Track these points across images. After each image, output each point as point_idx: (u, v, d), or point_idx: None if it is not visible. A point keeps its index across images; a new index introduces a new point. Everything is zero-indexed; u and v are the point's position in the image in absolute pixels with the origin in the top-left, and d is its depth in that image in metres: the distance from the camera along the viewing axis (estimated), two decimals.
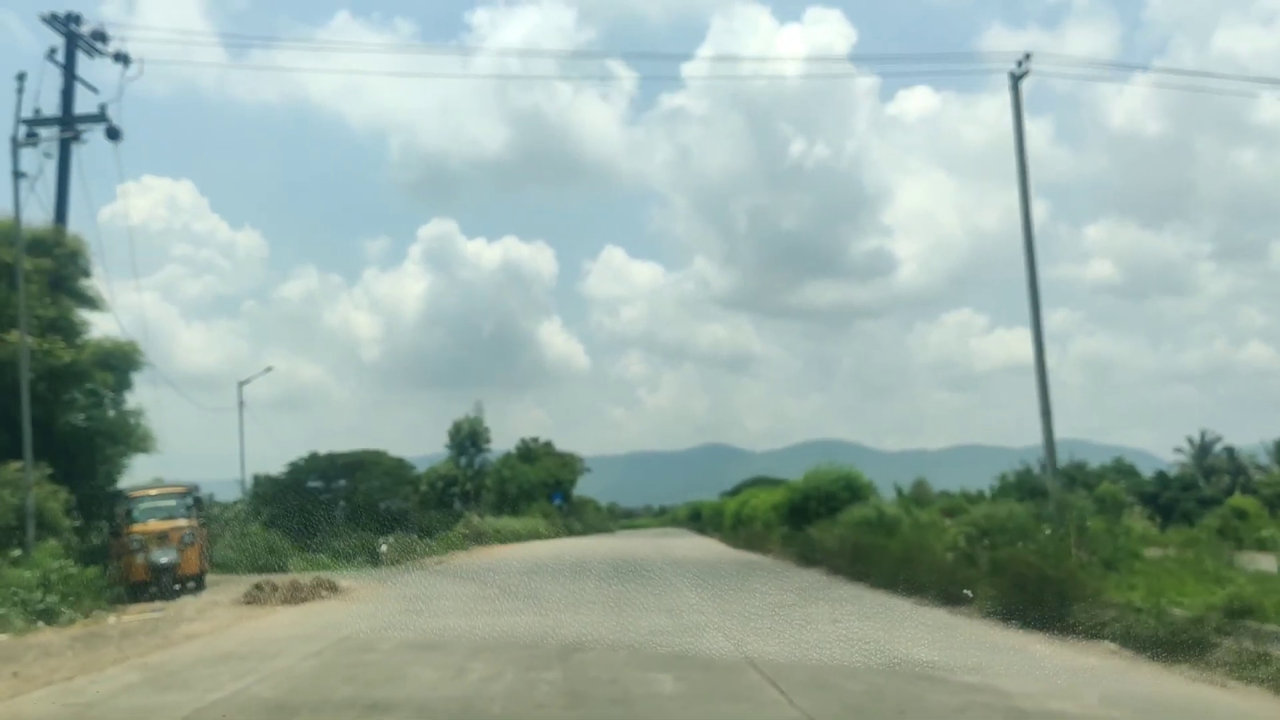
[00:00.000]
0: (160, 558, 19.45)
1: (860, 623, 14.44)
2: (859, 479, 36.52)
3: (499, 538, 52.57)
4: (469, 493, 61.93)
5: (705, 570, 26.93)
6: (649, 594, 19.50)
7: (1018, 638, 12.67)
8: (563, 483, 77.97)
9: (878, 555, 22.19)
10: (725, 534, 55.66)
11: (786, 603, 17.71)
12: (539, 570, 26.67)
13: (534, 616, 15.30)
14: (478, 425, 64.64)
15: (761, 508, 48.43)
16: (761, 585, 21.80)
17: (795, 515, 36.97)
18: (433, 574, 26.11)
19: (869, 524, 30.96)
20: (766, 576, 24.30)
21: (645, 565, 29.09)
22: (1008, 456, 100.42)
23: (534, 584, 21.95)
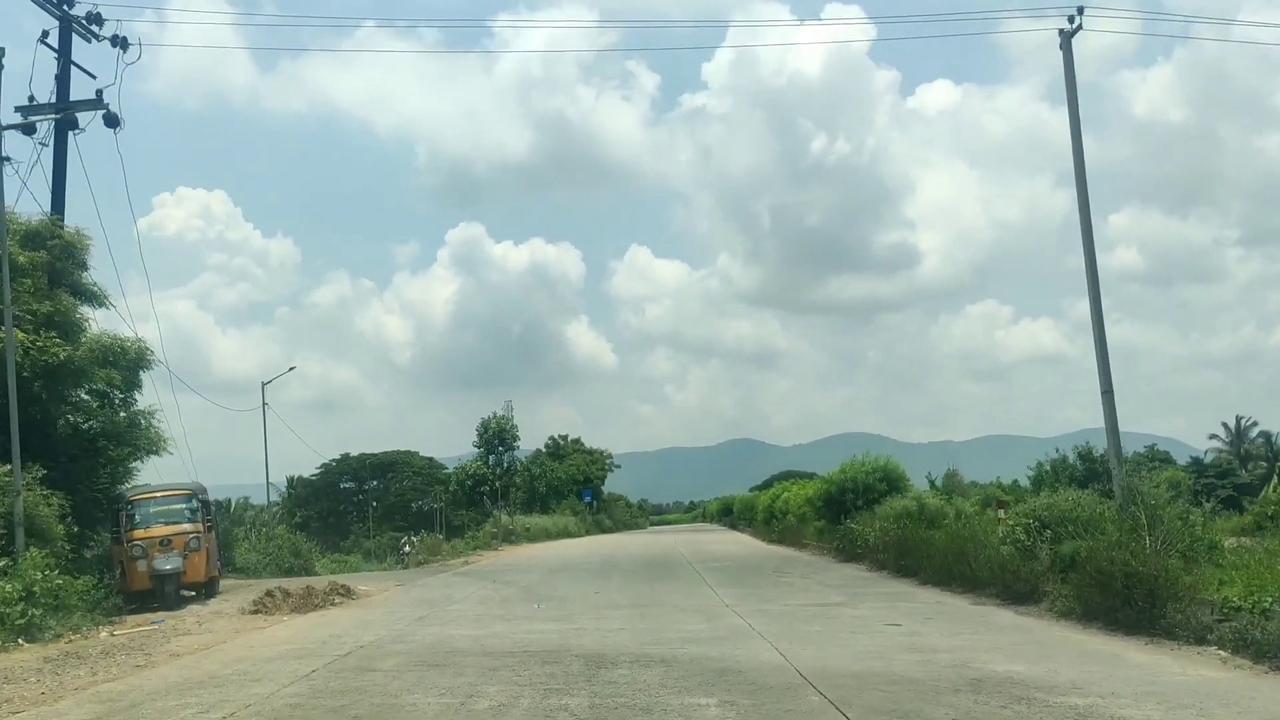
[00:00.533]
0: (163, 565, 17.96)
1: (920, 625, 12.71)
2: (896, 470, 34.80)
3: (528, 536, 51.11)
4: (498, 491, 60.55)
5: (740, 567, 25.26)
6: (681, 594, 17.87)
7: (1107, 643, 10.90)
8: (592, 479, 76.45)
9: (924, 549, 20.50)
10: (757, 528, 53.94)
11: (833, 602, 15.99)
12: (565, 570, 25.10)
13: (557, 623, 13.69)
14: (505, 423, 63.24)
15: (795, 501, 46.70)
16: (802, 582, 20.09)
17: (831, 508, 35.27)
18: (456, 575, 24.61)
19: (909, 516, 29.26)
20: (806, 572, 22.58)
21: (676, 562, 27.44)
22: (1036, 446, 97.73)
23: (559, 585, 20.36)
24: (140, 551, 18.02)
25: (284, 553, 37.31)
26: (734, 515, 79.84)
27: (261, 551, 37.33)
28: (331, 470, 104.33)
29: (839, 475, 34.79)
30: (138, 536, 18.22)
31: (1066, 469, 64.48)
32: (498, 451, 63.85)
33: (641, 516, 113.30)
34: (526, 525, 53.03)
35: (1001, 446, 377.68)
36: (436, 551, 34.17)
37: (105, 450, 20.74)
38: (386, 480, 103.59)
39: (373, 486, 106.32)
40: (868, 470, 34.11)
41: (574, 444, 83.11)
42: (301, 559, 38.10)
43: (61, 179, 21.11)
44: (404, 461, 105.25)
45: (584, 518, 68.03)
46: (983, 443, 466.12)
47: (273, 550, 37.15)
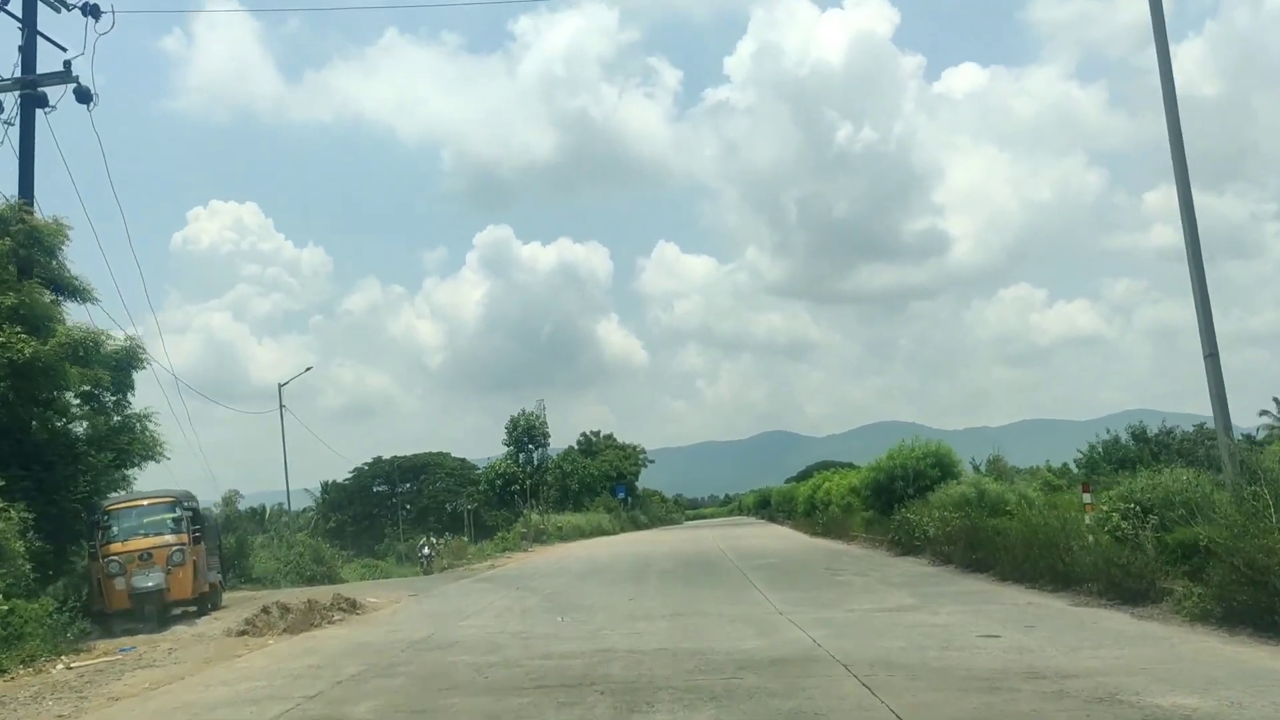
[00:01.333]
0: (143, 582, 15.78)
1: (1023, 636, 10.28)
2: (948, 455, 32.22)
3: (560, 535, 48.93)
4: (529, 490, 58.48)
5: (787, 564, 22.84)
6: (726, 600, 15.50)
7: (1275, 656, 8.45)
8: (625, 475, 74.14)
9: (998, 540, 18.04)
10: (799, 521, 51.44)
11: (905, 606, 13.57)
12: (596, 572, 22.81)
13: (582, 642, 11.38)
14: (534, 420, 61.08)
15: (837, 491, 44.14)
16: (860, 581, 17.66)
17: (880, 497, 32.73)
18: (477, 582, 22.38)
19: (968, 503, 26.82)
20: (862, 569, 20.14)
21: (717, 561, 25.08)
22: (1076, 429, 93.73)
23: (588, 591, 18.07)
24: (117, 568, 15.84)
25: (306, 560, 35.28)
26: (772, 508, 77.28)
27: (282, 559, 35.35)
28: (364, 474, 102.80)
29: (887, 462, 32.29)
30: (114, 551, 16.03)
31: (1119, 449, 61.35)
32: (528, 449, 61.67)
33: (677, 512, 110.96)
34: (558, 524, 50.83)
35: (1040, 431, 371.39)
36: (461, 555, 31.97)
37: (85, 456, 18.64)
38: (419, 483, 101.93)
39: (405, 489, 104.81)
40: (918, 456, 31.60)
41: (606, 440, 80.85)
42: (325, 566, 36.04)
43: (29, 160, 19.05)
44: (436, 463, 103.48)
45: (618, 515, 65.77)
46: (1021, 428, 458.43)
47: (293, 558, 35.15)
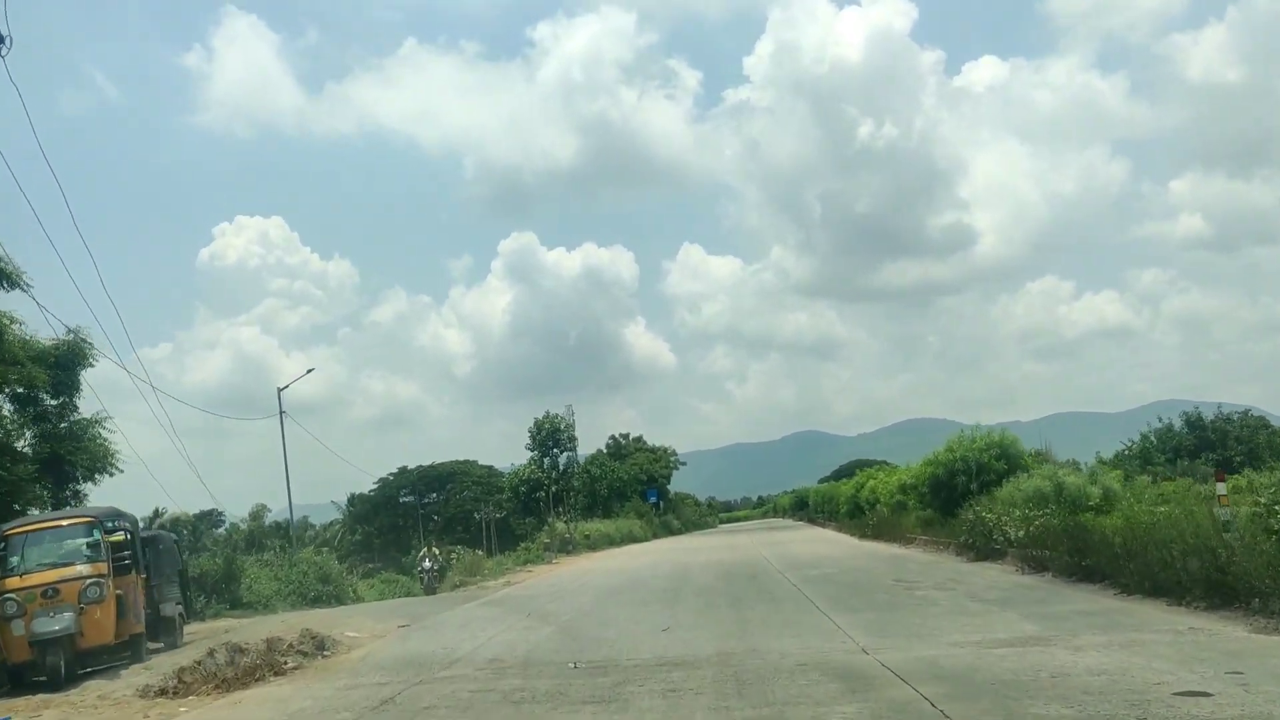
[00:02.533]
0: (46, 626, 12.41)
1: (1251, 695, 6.81)
2: (1015, 445, 28.59)
3: (588, 544, 45.51)
4: (556, 496, 55.15)
5: (846, 575, 19.33)
6: (787, 628, 12.07)
7: None
8: (657, 478, 70.59)
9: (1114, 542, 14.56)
10: (843, 522, 47.81)
11: (1027, 636, 10.10)
12: (624, 590, 19.39)
13: (596, 706, 8.01)
14: (558, 422, 57.69)
15: (884, 490, 40.53)
16: (945, 597, 14.18)
17: (938, 494, 29.12)
18: (485, 605, 19.00)
19: (1043, 498, 23.24)
20: (940, 580, 16.62)
21: (764, 572, 21.60)
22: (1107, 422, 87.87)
23: (613, 617, 14.68)
24: (15, 608, 12.50)
25: (310, 579, 32.11)
26: (810, 509, 73.60)
27: (282, 579, 32.19)
28: (389, 485, 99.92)
29: (946, 455, 28.72)
30: (11, 587, 12.70)
31: (1173, 438, 56.94)
32: (553, 453, 58.29)
33: (711, 515, 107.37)
34: (586, 532, 47.44)
35: (1071, 424, 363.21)
36: (476, 571, 28.50)
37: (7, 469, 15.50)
38: (446, 492, 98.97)
39: (432, 499, 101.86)
40: (980, 447, 28.02)
41: (635, 443, 77.40)
42: (332, 585, 32.89)
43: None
44: (463, 472, 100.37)
45: (650, 520, 62.28)
46: (1052, 421, 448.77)
47: (294, 578, 31.98)
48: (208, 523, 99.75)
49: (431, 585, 28.01)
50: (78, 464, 18.07)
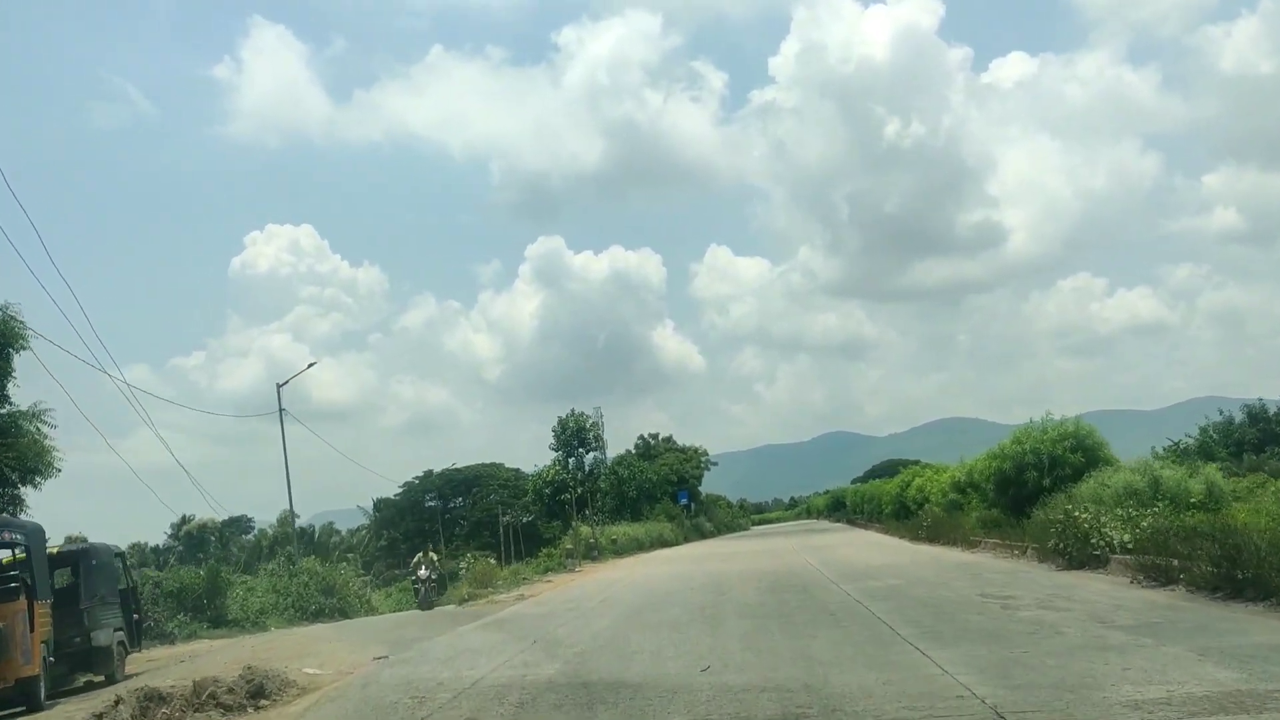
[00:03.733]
0: None
1: None
2: (1092, 435, 25.31)
3: (614, 549, 42.34)
4: (581, 498, 52.02)
5: (915, 587, 16.04)
6: (868, 668, 8.86)
7: None
8: (688, 479, 67.31)
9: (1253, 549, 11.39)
10: (888, 523, 44.40)
11: (1239, 694, 6.86)
12: (653, 607, 16.22)
13: None
14: (583, 420, 54.58)
15: (935, 488, 37.22)
16: (1063, 620, 10.90)
17: (1005, 492, 25.87)
18: (485, 627, 15.85)
19: (1135, 495, 20.03)
20: (1041, 596, 13.32)
21: (816, 584, 18.33)
22: (1143, 419, 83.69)
23: (638, 647, 11.52)
24: None
25: (310, 591, 29.22)
26: (847, 509, 70.10)
27: (281, 591, 29.30)
28: (414, 488, 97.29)
29: (1014, 447, 25.43)
30: None
31: (1233, 431, 52.76)
32: (578, 453, 55.14)
33: (743, 517, 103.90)
34: (612, 536, 44.29)
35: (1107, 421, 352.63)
36: (488, 582, 25.29)
37: None
38: (472, 496, 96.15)
39: (458, 503, 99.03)
40: (1053, 438, 24.77)
41: (665, 443, 74.14)
42: (336, 597, 29.98)
43: None
44: (489, 475, 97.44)
45: (681, 522, 59.03)
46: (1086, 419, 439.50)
47: (294, 589, 29.08)
48: (237, 528, 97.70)
49: (427, 599, 24.55)
50: (2, 464, 15.20)
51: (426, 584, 25.00)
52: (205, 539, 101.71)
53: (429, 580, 25.14)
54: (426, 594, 24.83)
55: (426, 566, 25.65)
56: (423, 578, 25.21)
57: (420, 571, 25.58)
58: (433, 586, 25.22)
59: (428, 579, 25.08)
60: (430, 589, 24.99)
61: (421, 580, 25.21)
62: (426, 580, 25.04)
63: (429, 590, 24.94)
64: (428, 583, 25.03)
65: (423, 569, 25.64)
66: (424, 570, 25.51)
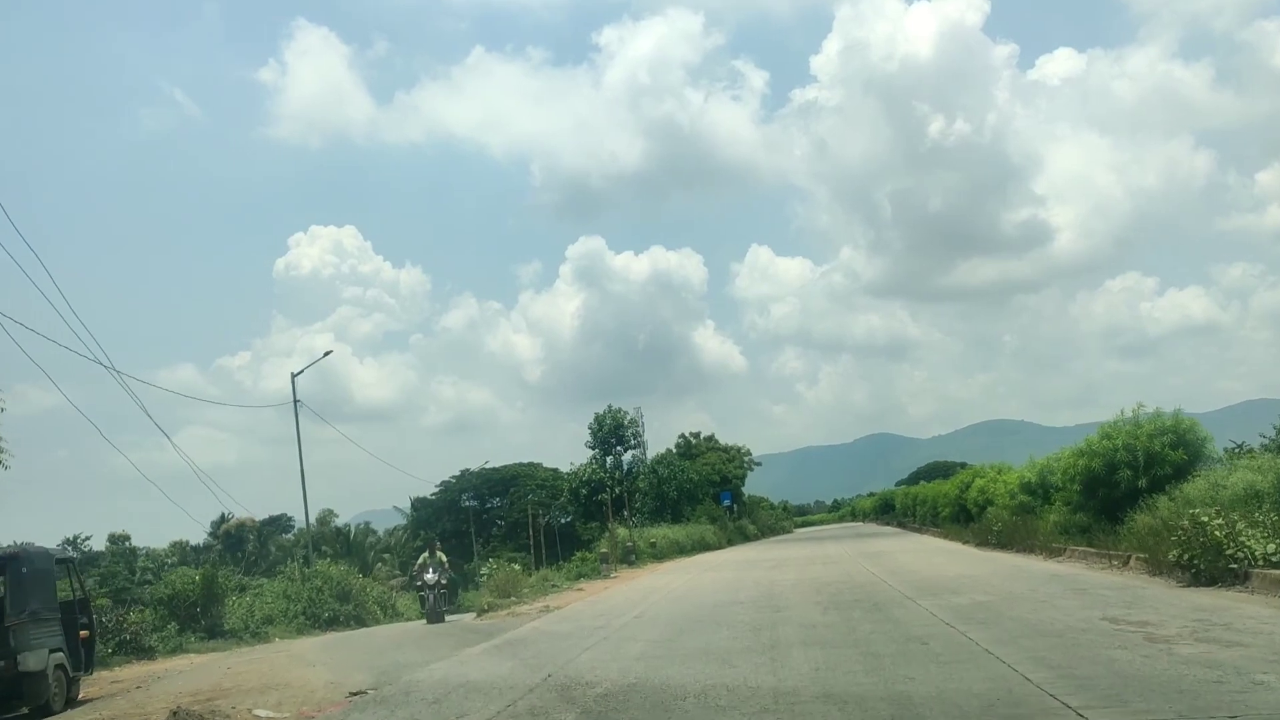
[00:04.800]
0: None
1: None
2: (1194, 429, 22.15)
3: (653, 552, 39.66)
4: (619, 498, 49.38)
5: (1019, 609, 13.14)
6: None
7: None
8: (730, 479, 64.41)
9: None
10: (947, 528, 41.28)
11: None
12: (696, 628, 13.49)
13: None
14: (621, 417, 51.91)
15: (1001, 490, 34.11)
16: (1269, 672, 8.07)
17: (1093, 493, 22.89)
18: (495, 652, 13.22)
19: (1258, 497, 17.12)
20: (1194, 625, 10.44)
21: (890, 602, 15.45)
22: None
23: (675, 689, 8.80)
24: None
25: (325, 597, 26.85)
26: (897, 512, 66.85)
27: (292, 598, 26.97)
28: (451, 488, 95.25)
29: (1103, 443, 22.40)
30: None
31: None
32: (615, 451, 52.45)
33: (786, 519, 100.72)
34: (651, 539, 41.61)
35: None
36: (510, 591, 22.58)
37: None
38: (509, 496, 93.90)
39: (495, 504, 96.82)
40: (1149, 432, 21.73)
41: (707, 441, 71.26)
42: (352, 604, 27.60)
43: None
44: (526, 474, 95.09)
45: (723, 524, 56.18)
46: None
47: (307, 594, 26.73)
48: (276, 528, 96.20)
49: (436, 610, 21.14)
50: None
51: (435, 590, 21.43)
52: (244, 538, 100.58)
53: (438, 586, 21.55)
54: (435, 603, 21.26)
55: (434, 569, 21.92)
56: (430, 583, 21.60)
57: (427, 575, 21.83)
58: (442, 594, 21.64)
59: (436, 584, 21.52)
60: (439, 597, 21.48)
61: (429, 586, 21.56)
62: (435, 586, 21.47)
63: (438, 599, 21.39)
64: (436, 589, 21.45)
65: (430, 572, 21.87)
66: (431, 574, 21.76)
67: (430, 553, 22.53)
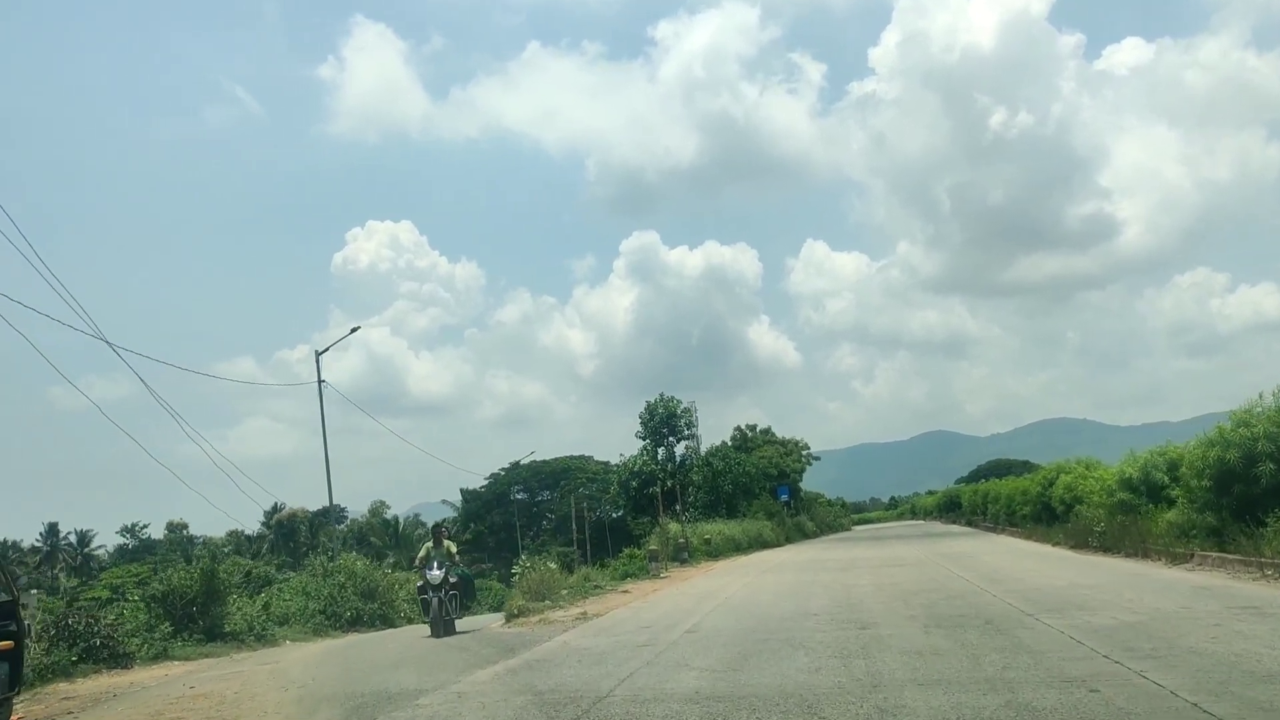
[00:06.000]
0: None
1: None
2: None
3: (708, 550, 36.74)
4: (671, 491, 46.47)
5: (1199, 640, 9.97)
6: None
7: None
8: (788, 473, 61.14)
9: None
10: (1027, 527, 37.80)
11: None
12: (762, 652, 10.56)
13: None
14: (674, 406, 48.99)
15: (1095, 487, 30.60)
16: None
17: (1226, 490, 19.52)
18: (501, 682, 10.40)
19: None
20: None
21: (1007, 620, 12.26)
22: None
23: None
24: None
25: (347, 595, 24.34)
26: (964, 510, 63.05)
27: (311, 593, 24.51)
28: (500, 481, 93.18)
29: (1238, 432, 18.98)
30: None
31: None
32: (667, 442, 49.50)
33: (844, 517, 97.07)
34: (705, 534, 38.67)
35: None
36: (544, 594, 19.66)
37: None
38: (560, 489, 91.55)
39: (545, 497, 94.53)
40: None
41: (763, 434, 68.08)
42: (378, 602, 25.07)
43: None
44: (577, 468, 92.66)
45: (780, 520, 52.98)
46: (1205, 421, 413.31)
47: (328, 592, 24.24)
48: (329, 518, 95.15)
49: (442, 618, 16.28)
50: None
51: (441, 592, 16.42)
52: (295, 528, 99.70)
53: (444, 586, 16.50)
54: (440, 609, 16.28)
55: (439, 563, 16.77)
56: (434, 582, 16.45)
57: (431, 572, 16.61)
58: (451, 595, 16.68)
59: (442, 584, 16.48)
60: (448, 599, 16.55)
61: (432, 586, 16.44)
62: (441, 586, 16.45)
63: (445, 602, 16.44)
64: (443, 589, 16.45)
65: (434, 567, 16.68)
66: (436, 570, 16.61)
67: (435, 542, 17.64)
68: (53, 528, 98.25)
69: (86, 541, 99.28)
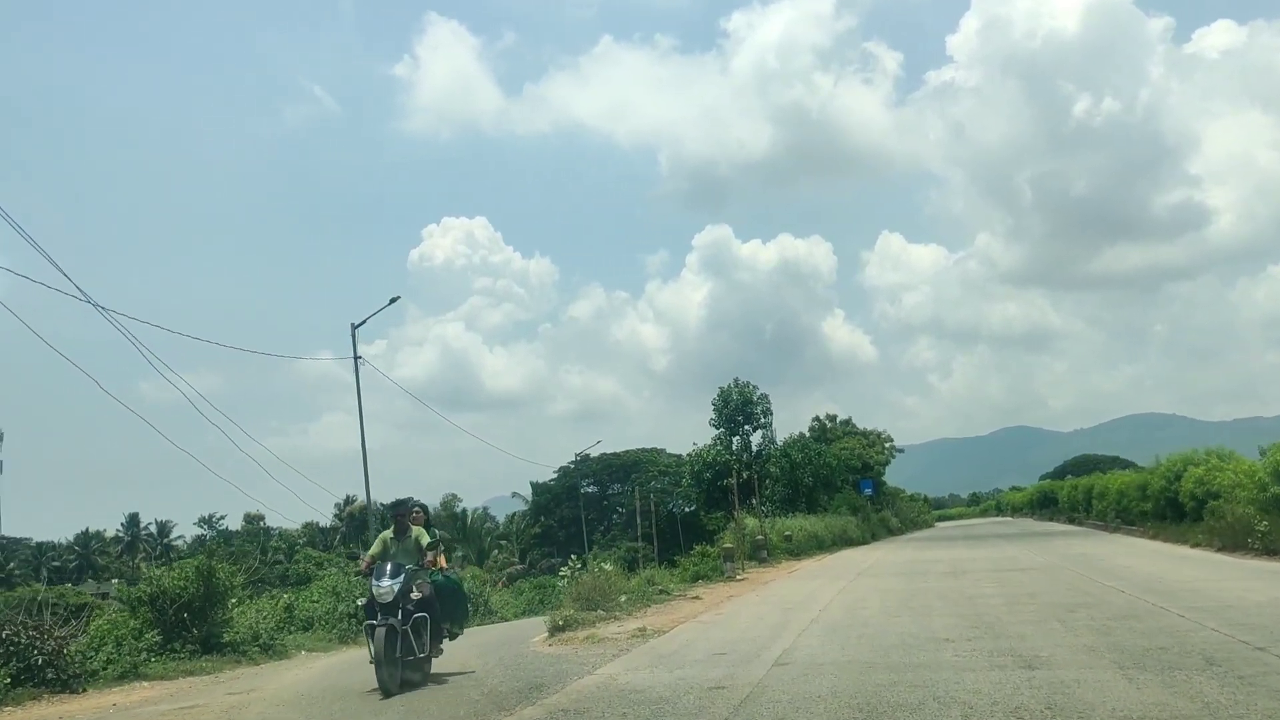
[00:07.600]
0: None
1: None
2: None
3: (788, 547, 33.12)
4: (747, 483, 42.87)
5: None
6: None
7: None
8: (872, 466, 56.96)
9: None
10: (1149, 525, 33.35)
11: None
12: (895, 708, 7.16)
13: None
14: (749, 392, 45.33)
15: (1241, 480, 26.30)
16: None
17: None
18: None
19: None
20: None
21: (1238, 660, 8.45)
22: None
23: None
24: None
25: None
26: (1061, 506, 58.15)
27: (341, 594, 21.54)
28: (569, 474, 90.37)
29: None
30: None
31: None
32: (743, 430, 45.81)
33: (927, 512, 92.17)
34: (785, 530, 35.02)
35: None
36: (601, 600, 16.14)
37: None
38: (631, 482, 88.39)
39: (616, 490, 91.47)
40: None
41: (843, 425, 63.89)
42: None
43: None
44: (649, 460, 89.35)
45: (865, 516, 48.96)
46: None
47: (354, 589, 21.25)
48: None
49: (400, 663, 9.50)
50: None
51: (397, 616, 9.59)
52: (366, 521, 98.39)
53: (400, 605, 9.66)
54: (390, 647, 9.33)
55: (394, 570, 9.90)
56: (384, 598, 9.60)
57: (380, 583, 9.74)
58: (419, 619, 9.83)
59: (396, 601, 9.63)
60: (411, 628, 9.68)
61: (381, 604, 9.61)
62: (395, 605, 9.61)
63: (406, 633, 9.61)
64: (398, 612, 9.62)
65: (385, 577, 9.78)
66: (386, 578, 9.76)
67: (397, 531, 10.78)
68: (133, 518, 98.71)
69: (166, 532, 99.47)
